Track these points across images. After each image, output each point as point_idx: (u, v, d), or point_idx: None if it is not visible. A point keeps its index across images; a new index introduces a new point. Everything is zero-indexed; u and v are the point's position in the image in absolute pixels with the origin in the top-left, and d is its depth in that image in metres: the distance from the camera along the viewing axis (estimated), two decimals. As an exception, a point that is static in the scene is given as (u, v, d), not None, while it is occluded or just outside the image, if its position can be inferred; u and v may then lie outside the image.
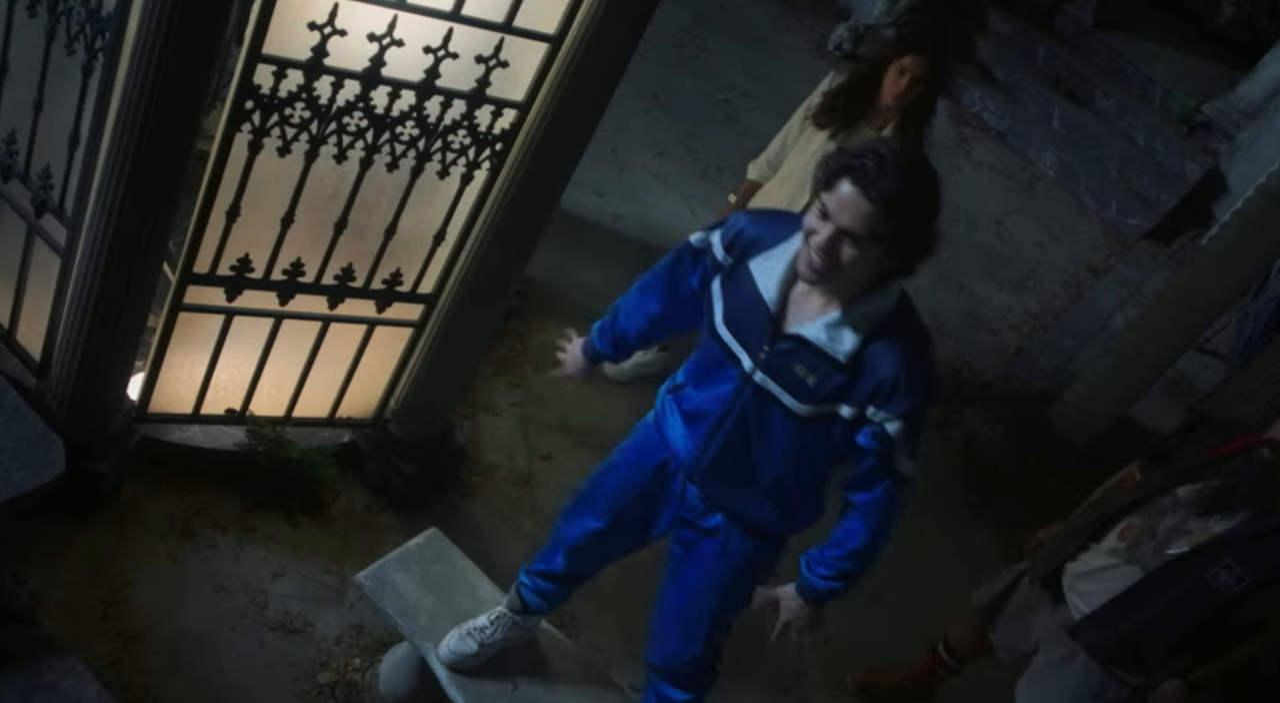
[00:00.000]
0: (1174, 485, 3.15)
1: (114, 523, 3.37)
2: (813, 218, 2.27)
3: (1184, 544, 3.09)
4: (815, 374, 2.38)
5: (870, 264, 2.28)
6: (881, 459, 2.41)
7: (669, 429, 2.69)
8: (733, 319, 2.47)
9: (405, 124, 2.99)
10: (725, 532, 2.68)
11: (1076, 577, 3.30)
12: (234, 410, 3.57)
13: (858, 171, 2.19)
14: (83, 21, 2.76)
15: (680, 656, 2.89)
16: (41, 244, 3.16)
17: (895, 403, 2.35)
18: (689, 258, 2.63)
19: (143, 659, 3.09)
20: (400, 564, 3.14)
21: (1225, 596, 3.04)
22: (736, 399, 2.49)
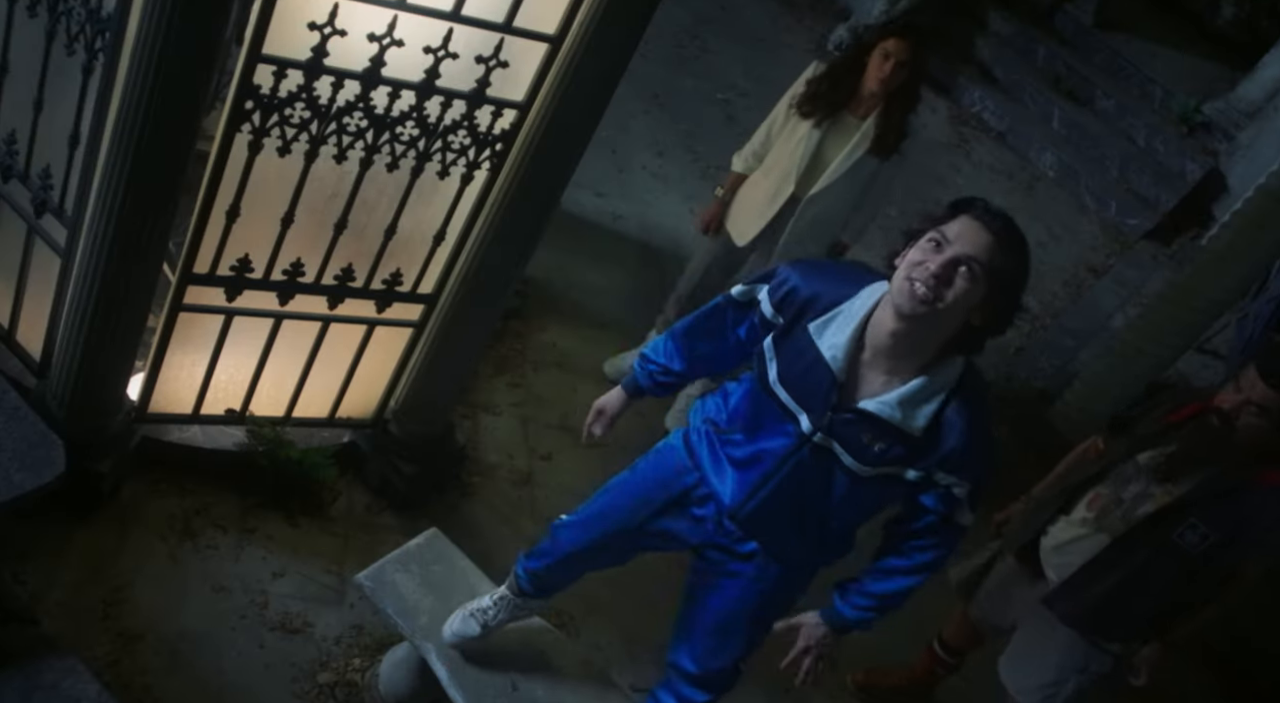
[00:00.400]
0: (1135, 453, 3.23)
1: (114, 523, 3.37)
2: (921, 251, 2.24)
3: (1149, 508, 3.16)
4: (882, 442, 2.36)
5: (961, 313, 2.25)
6: (943, 516, 2.44)
7: (708, 465, 2.62)
8: (790, 380, 2.42)
9: (405, 124, 2.99)
10: (762, 558, 2.65)
11: (1050, 551, 3.38)
12: (234, 411, 3.57)
13: (979, 207, 2.25)
14: (83, 22, 2.76)
15: (708, 665, 2.86)
16: (41, 244, 3.16)
17: (965, 469, 2.37)
18: (732, 310, 2.61)
19: (142, 659, 3.09)
20: (400, 564, 3.14)
21: (1192, 555, 3.12)
22: (792, 455, 2.45)
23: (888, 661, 4.18)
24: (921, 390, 2.30)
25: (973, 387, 2.35)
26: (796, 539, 2.61)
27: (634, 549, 2.86)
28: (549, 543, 2.95)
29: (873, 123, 3.99)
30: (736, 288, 2.60)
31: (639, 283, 5.22)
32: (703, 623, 2.81)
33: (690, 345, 2.73)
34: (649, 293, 5.06)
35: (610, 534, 2.82)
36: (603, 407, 2.89)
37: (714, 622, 2.79)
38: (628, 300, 5.13)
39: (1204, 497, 3.12)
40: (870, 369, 2.35)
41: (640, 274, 5.28)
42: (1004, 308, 2.28)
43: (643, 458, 2.82)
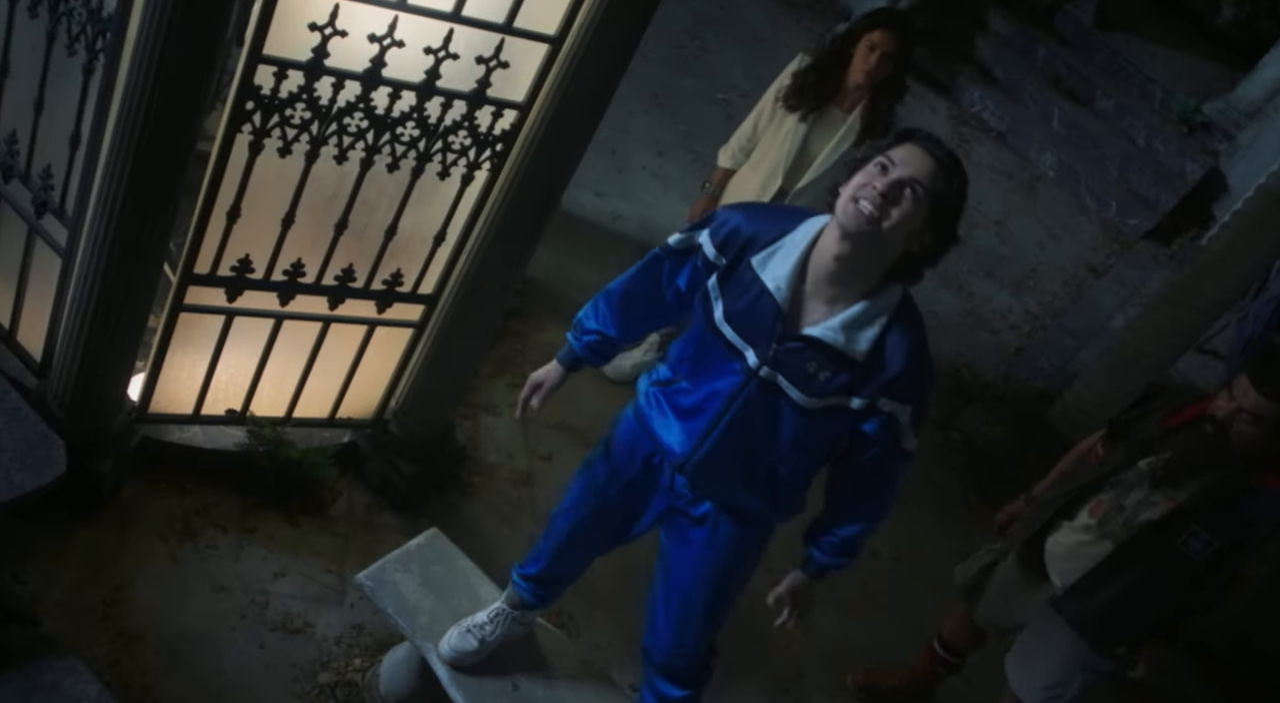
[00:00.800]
0: (1136, 459, 3.24)
1: (114, 523, 3.37)
2: (866, 174, 2.31)
3: (1152, 515, 3.17)
4: (826, 370, 2.41)
5: (902, 238, 2.31)
6: (889, 443, 2.49)
7: (656, 424, 2.66)
8: (734, 316, 2.47)
9: (406, 125, 3.00)
10: (714, 519, 2.68)
11: (1054, 556, 3.39)
12: (234, 411, 3.57)
13: (921, 136, 2.35)
14: (83, 22, 2.77)
15: (676, 650, 2.90)
16: (42, 244, 3.16)
17: (908, 392, 2.43)
18: (670, 261, 2.64)
19: (143, 659, 3.09)
20: (400, 564, 3.15)
21: (1196, 561, 3.13)
22: (739, 393, 2.50)
23: (888, 661, 4.19)
24: (863, 314, 2.36)
25: (911, 314, 2.42)
26: (748, 491, 2.63)
27: (616, 532, 2.88)
28: (540, 543, 2.97)
29: (858, 116, 4.00)
30: (673, 237, 2.64)
31: (639, 283, 5.22)
32: (664, 600, 2.85)
33: (625, 306, 2.76)
34: (649, 293, 5.06)
35: (590, 517, 2.87)
36: (540, 380, 2.91)
37: (674, 597, 2.82)
38: (628, 301, 5.13)
39: (1206, 503, 3.12)
40: (813, 298, 2.40)
41: (640, 274, 5.28)
42: (942, 234, 2.35)
43: (601, 441, 2.86)
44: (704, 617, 2.87)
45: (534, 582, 3.01)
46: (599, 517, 2.87)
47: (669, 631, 2.90)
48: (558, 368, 2.90)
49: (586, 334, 2.84)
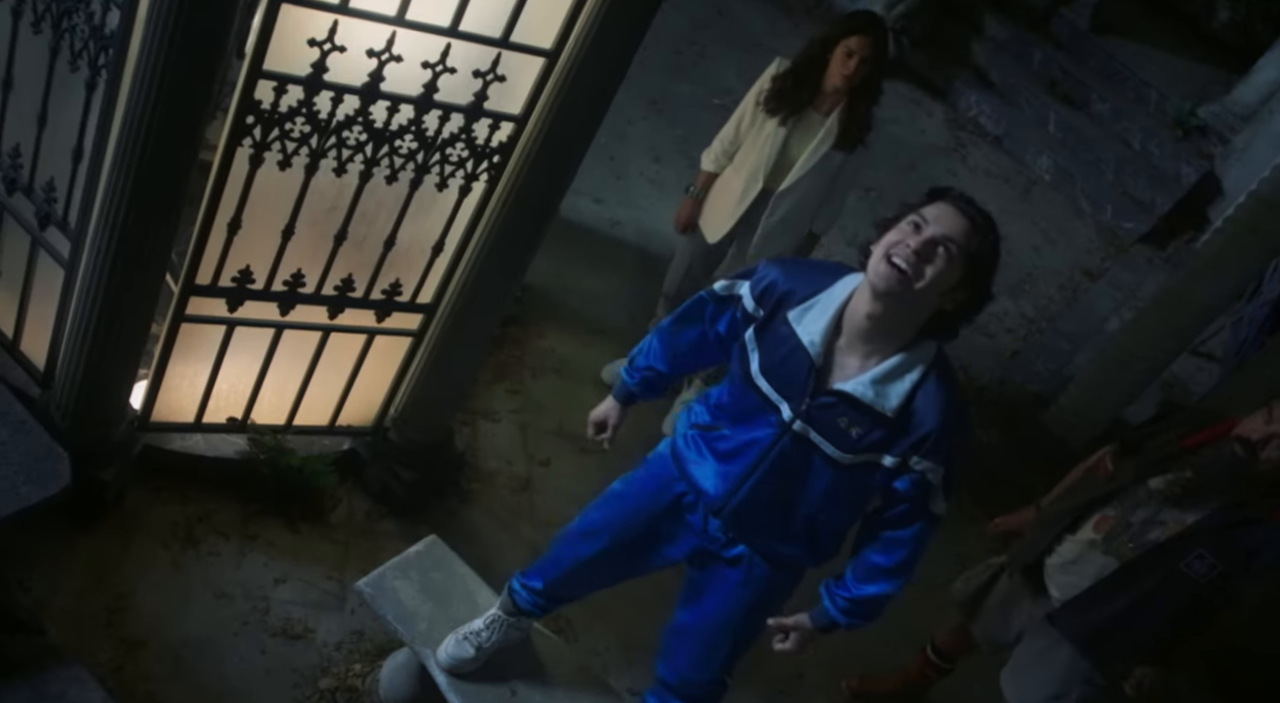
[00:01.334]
0: (1146, 476, 3.24)
1: (117, 530, 3.41)
2: (899, 232, 2.33)
3: (1158, 535, 3.19)
4: (859, 426, 2.43)
5: (935, 296, 2.34)
6: (918, 503, 2.49)
7: (694, 467, 2.68)
8: (770, 369, 2.50)
9: (404, 137, 3.03)
10: (749, 561, 2.70)
11: (1055, 569, 3.40)
12: (235, 419, 3.61)
13: (954, 194, 2.40)
14: (86, 39, 2.81)
15: (695, 677, 2.91)
16: (45, 256, 3.20)
17: (940, 452, 2.43)
18: (713, 305, 2.67)
19: (145, 666, 3.14)
20: (400, 571, 3.18)
21: (1199, 584, 3.14)
22: (774, 446, 2.52)
23: (882, 666, 4.22)
24: (895, 370, 2.38)
25: (945, 371, 2.42)
26: (782, 538, 2.65)
27: (633, 564, 2.90)
28: (549, 559, 2.99)
29: (837, 118, 4.06)
30: (718, 283, 2.67)
31: (636, 288, 5.26)
32: (690, 633, 2.86)
33: (673, 343, 2.79)
34: (646, 299, 5.09)
35: (611, 547, 2.87)
36: (603, 419, 2.95)
37: (701, 632, 2.84)
38: (625, 306, 5.17)
39: (1214, 527, 3.13)
40: (847, 355, 2.43)
41: (637, 280, 5.32)
42: (976, 292, 2.37)
43: (636, 469, 2.86)
44: (729, 650, 2.89)
45: (535, 594, 3.03)
46: (618, 549, 2.86)
47: (690, 661, 2.90)
48: (615, 405, 2.94)
49: (638, 371, 2.88)
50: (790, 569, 2.76)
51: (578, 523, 2.95)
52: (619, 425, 2.95)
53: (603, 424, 2.94)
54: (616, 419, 2.93)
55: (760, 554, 2.70)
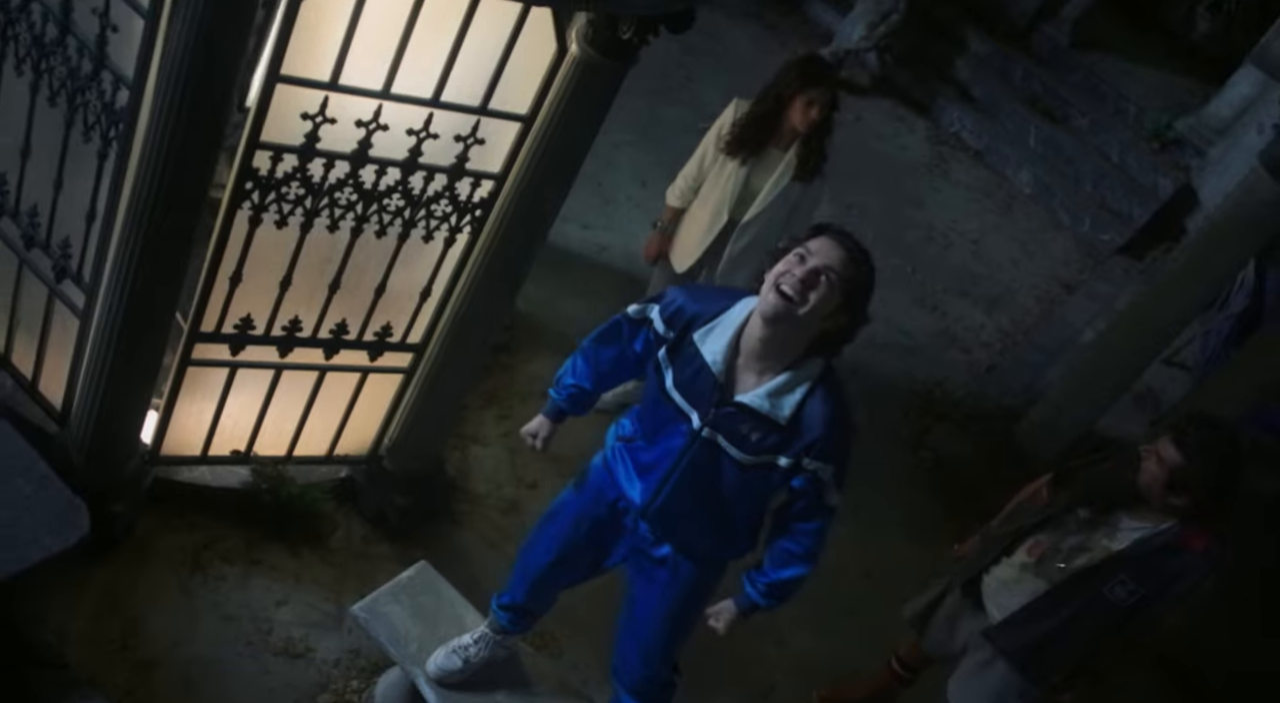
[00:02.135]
0: (1076, 506, 3.50)
1: (130, 558, 3.67)
2: (786, 263, 2.64)
3: (1084, 561, 3.45)
4: (757, 432, 2.75)
5: (819, 319, 2.64)
6: (814, 498, 2.83)
7: (620, 476, 3.01)
8: (681, 384, 2.81)
9: (391, 197, 3.28)
10: (674, 560, 3.02)
11: (992, 590, 3.68)
12: (239, 452, 3.87)
13: (833, 229, 2.72)
14: (98, 113, 3.06)
15: (643, 676, 3.23)
16: (61, 306, 3.46)
17: (828, 454, 2.76)
18: (628, 327, 2.98)
19: (158, 686, 3.40)
20: (392, 596, 3.44)
21: (1120, 607, 3.40)
22: (687, 451, 2.84)
23: (856, 673, 4.46)
24: (786, 384, 2.70)
25: (832, 384, 2.74)
26: (701, 533, 2.98)
27: (586, 569, 3.21)
28: (514, 576, 3.29)
29: (795, 152, 4.34)
30: (632, 307, 3.00)
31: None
32: (634, 632, 3.18)
33: (595, 361, 3.10)
34: (631, 323, 5.33)
35: (561, 556, 3.19)
36: (533, 432, 3.26)
37: (643, 628, 3.15)
38: (611, 331, 5.40)
39: (1135, 554, 3.40)
40: (745, 371, 2.74)
41: (624, 305, 5.50)
42: (854, 315, 2.69)
43: (570, 485, 3.19)
44: (667, 643, 3.20)
45: (510, 610, 3.30)
46: (569, 554, 3.19)
47: (636, 657, 3.22)
48: (545, 421, 3.23)
49: (565, 389, 3.16)
50: (712, 564, 3.07)
51: (530, 539, 3.27)
52: (550, 438, 3.24)
53: (533, 436, 3.25)
54: (547, 433, 3.23)
55: (683, 552, 3.01)
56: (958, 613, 3.84)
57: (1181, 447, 3.29)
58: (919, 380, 6.20)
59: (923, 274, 7.00)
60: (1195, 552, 3.32)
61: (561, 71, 3.16)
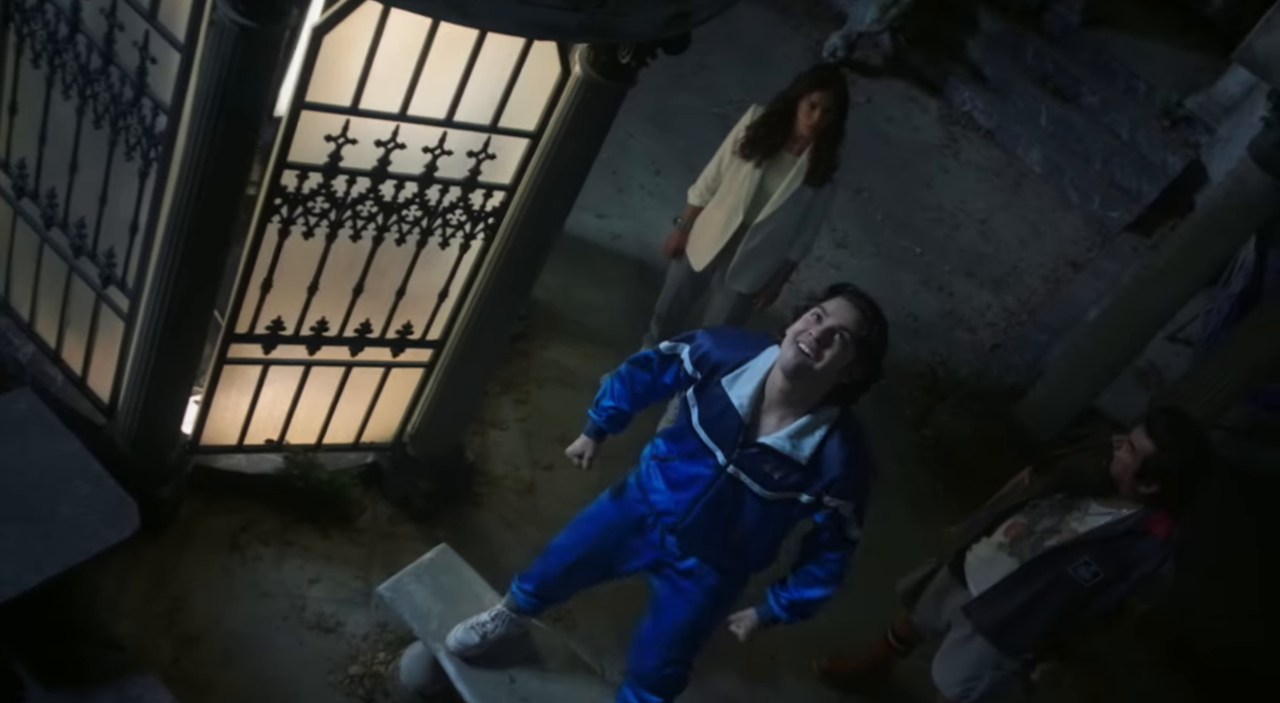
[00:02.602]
0: (1053, 490, 3.73)
1: (174, 540, 3.97)
2: (804, 322, 2.88)
3: (1053, 542, 3.70)
4: (779, 471, 3.00)
5: (835, 373, 2.89)
6: (836, 531, 3.08)
7: (653, 492, 3.25)
8: (707, 421, 3.06)
9: (410, 208, 3.53)
10: (699, 572, 3.27)
11: (973, 567, 3.94)
12: (273, 440, 4.15)
13: (850, 290, 2.96)
14: (139, 136, 3.32)
15: (661, 673, 3.48)
16: (107, 310, 3.74)
17: (847, 493, 3.01)
18: (659, 361, 3.22)
19: (202, 657, 3.71)
20: (414, 576, 3.72)
21: (1083, 587, 3.65)
22: (714, 483, 3.10)
23: (856, 644, 4.71)
24: (805, 426, 2.94)
25: (850, 427, 2.98)
26: (725, 551, 3.22)
27: (608, 571, 3.46)
28: (540, 566, 3.54)
29: (806, 157, 4.53)
30: (663, 344, 3.24)
31: (635, 301, 5.72)
32: (657, 637, 3.41)
33: (630, 386, 3.34)
34: (644, 310, 5.53)
35: (587, 556, 3.44)
36: (579, 452, 3.50)
37: (667, 634, 3.40)
38: (624, 317, 5.65)
39: (1100, 538, 3.64)
40: (768, 415, 2.99)
41: (636, 292, 5.79)
42: (868, 369, 2.92)
43: (606, 494, 3.42)
44: (687, 647, 3.47)
45: (530, 595, 3.58)
46: (594, 557, 3.45)
47: (657, 660, 3.47)
48: (587, 440, 3.48)
49: (604, 410, 3.41)
50: (735, 577, 3.31)
51: (561, 537, 3.51)
52: (594, 456, 3.48)
53: (579, 456, 3.49)
54: (591, 452, 3.48)
55: (708, 565, 3.24)
56: (945, 590, 4.10)
57: (1154, 437, 3.51)
58: (923, 360, 6.41)
59: (930, 255, 7.18)
60: (1157, 537, 3.55)
61: (566, 92, 3.39)
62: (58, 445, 2.71)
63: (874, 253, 6.95)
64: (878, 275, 6.80)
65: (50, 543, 2.53)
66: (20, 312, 4.06)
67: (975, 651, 3.92)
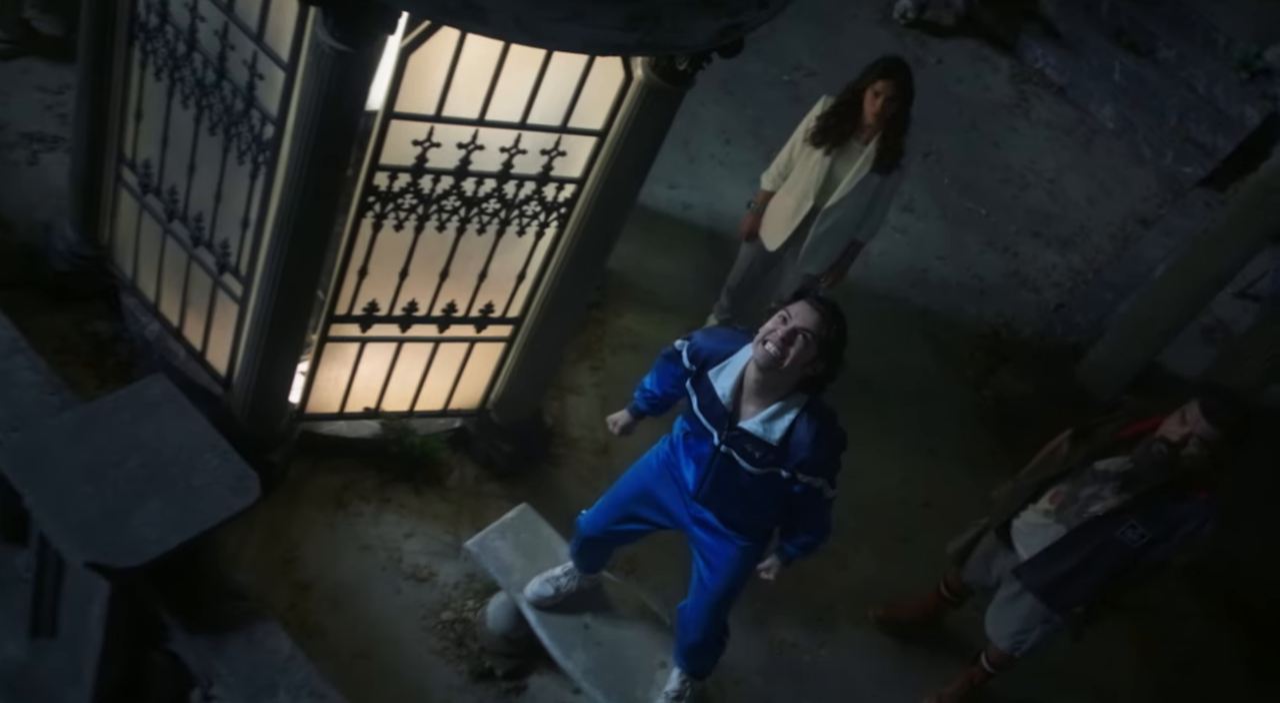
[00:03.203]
0: (1092, 459, 3.99)
1: (285, 498, 4.43)
2: (773, 323, 3.26)
3: (1099, 508, 3.93)
4: (759, 450, 3.41)
5: (799, 367, 3.28)
6: (814, 497, 3.49)
7: (681, 464, 3.63)
8: (703, 408, 3.47)
9: (489, 201, 3.88)
10: (723, 534, 3.64)
11: (1019, 533, 4.21)
12: (370, 408, 4.57)
13: (811, 295, 3.36)
14: (249, 142, 3.70)
15: (702, 636, 3.85)
16: (223, 294, 4.17)
17: (817, 468, 3.44)
18: (675, 355, 3.59)
19: (312, 603, 4.17)
20: (498, 534, 4.13)
21: (1131, 549, 3.90)
22: (714, 459, 3.50)
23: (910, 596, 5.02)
24: (776, 412, 3.35)
25: (818, 411, 3.38)
26: (741, 513, 3.61)
27: (646, 528, 3.85)
28: (589, 528, 3.92)
29: (874, 146, 4.76)
30: (677, 342, 3.62)
31: (705, 269, 6.01)
32: (696, 615, 3.81)
33: (661, 376, 3.74)
34: (714, 278, 5.83)
35: (629, 514, 3.83)
36: (616, 421, 3.92)
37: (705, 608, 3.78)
38: (694, 285, 5.95)
39: (1144, 504, 3.89)
40: (747, 403, 3.39)
41: (706, 261, 6.08)
42: (829, 364, 3.32)
43: (645, 458, 3.80)
44: (724, 610, 3.82)
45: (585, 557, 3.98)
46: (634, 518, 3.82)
47: (697, 625, 3.83)
48: (628, 416, 3.91)
49: (644, 394, 3.82)
50: (755, 537, 3.69)
51: (605, 499, 3.90)
52: (629, 428, 3.91)
53: (615, 423, 3.91)
54: (625, 423, 3.90)
55: (729, 525, 3.63)
56: (992, 552, 4.37)
57: (1209, 414, 3.72)
58: (986, 322, 6.60)
59: (997, 216, 7.33)
60: (1199, 501, 3.79)
61: (629, 94, 3.69)
62: (188, 424, 3.10)
63: (940, 215, 7.12)
64: (943, 237, 6.99)
65: (186, 510, 2.94)
66: (146, 293, 4.52)
67: (1025, 605, 4.20)
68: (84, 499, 2.90)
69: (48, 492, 2.91)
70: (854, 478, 4.74)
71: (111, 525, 2.88)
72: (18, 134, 5.03)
